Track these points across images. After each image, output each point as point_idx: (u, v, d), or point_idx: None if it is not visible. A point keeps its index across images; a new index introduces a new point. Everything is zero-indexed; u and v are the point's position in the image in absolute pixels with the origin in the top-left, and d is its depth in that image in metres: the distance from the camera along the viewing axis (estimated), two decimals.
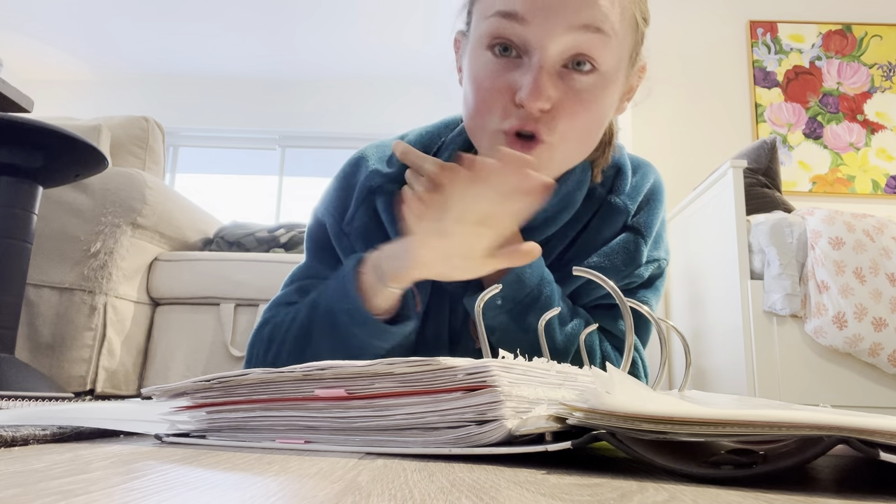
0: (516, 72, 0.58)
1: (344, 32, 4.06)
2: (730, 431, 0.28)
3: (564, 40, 0.57)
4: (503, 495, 0.23)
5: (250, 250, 2.19)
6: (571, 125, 0.60)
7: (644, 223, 0.72)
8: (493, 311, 0.66)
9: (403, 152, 0.65)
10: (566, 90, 0.58)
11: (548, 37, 0.57)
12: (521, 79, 0.58)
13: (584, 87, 0.59)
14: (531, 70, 0.57)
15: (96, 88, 4.57)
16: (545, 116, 0.59)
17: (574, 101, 0.59)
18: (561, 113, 0.59)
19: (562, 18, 0.56)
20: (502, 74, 0.59)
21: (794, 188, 2.80)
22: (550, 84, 0.57)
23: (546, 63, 0.57)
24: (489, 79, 0.59)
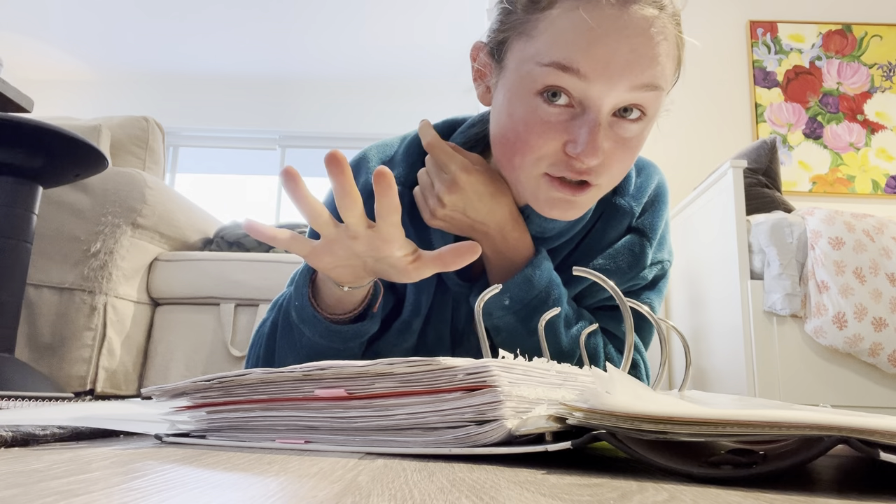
0: (569, 122, 0.57)
1: (344, 33, 4.06)
2: (730, 431, 0.27)
3: (624, 98, 0.56)
4: (503, 495, 0.23)
5: (250, 250, 2.19)
6: (618, 169, 0.60)
7: (649, 225, 0.73)
8: (501, 312, 0.66)
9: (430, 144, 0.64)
10: (615, 139, 0.58)
11: (608, 97, 0.56)
12: (575, 131, 0.57)
13: (633, 134, 0.59)
14: (587, 125, 0.56)
15: (96, 88, 4.57)
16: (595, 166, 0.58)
17: (623, 148, 0.59)
18: (610, 161, 0.59)
19: (626, 80, 0.55)
20: (553, 122, 0.57)
21: (794, 188, 2.80)
22: (604, 137, 0.57)
23: (602, 119, 0.57)
24: (539, 125, 0.58)
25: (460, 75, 3.58)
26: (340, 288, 0.60)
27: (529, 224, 0.68)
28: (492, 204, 0.65)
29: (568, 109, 0.57)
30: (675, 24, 0.58)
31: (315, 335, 0.63)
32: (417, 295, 0.70)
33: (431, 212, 0.65)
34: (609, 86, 0.55)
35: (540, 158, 0.59)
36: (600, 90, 0.55)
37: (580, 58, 0.55)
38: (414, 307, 0.70)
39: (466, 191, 0.63)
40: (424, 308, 0.71)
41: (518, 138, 0.59)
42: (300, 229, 2.29)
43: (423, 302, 0.70)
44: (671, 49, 0.58)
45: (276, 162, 4.61)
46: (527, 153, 0.59)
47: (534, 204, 0.63)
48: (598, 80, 0.55)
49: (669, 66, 0.58)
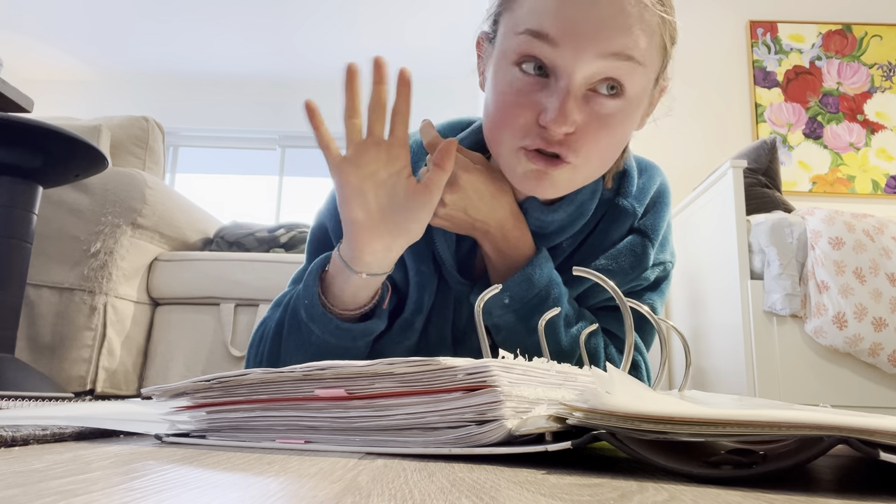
0: (542, 92, 0.58)
1: (344, 33, 4.06)
2: (730, 431, 0.27)
3: (594, 66, 0.56)
4: (503, 495, 0.23)
5: (250, 250, 2.19)
6: (594, 148, 0.59)
7: (651, 226, 0.73)
8: (501, 310, 0.67)
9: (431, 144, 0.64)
10: (591, 113, 0.58)
11: (578, 62, 0.56)
12: (546, 100, 0.57)
13: (609, 111, 0.58)
14: (557, 93, 0.56)
15: (96, 88, 4.57)
16: (569, 139, 0.58)
17: (598, 124, 0.58)
18: (584, 136, 0.58)
19: (593, 45, 0.55)
20: (527, 93, 0.58)
21: (794, 188, 2.80)
22: (576, 108, 0.57)
23: (573, 87, 0.57)
24: (514, 95, 0.59)
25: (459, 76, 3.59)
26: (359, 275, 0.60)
27: (528, 218, 0.68)
28: (492, 203, 0.65)
29: (541, 80, 0.58)
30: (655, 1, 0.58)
31: (325, 333, 0.63)
32: (420, 293, 0.70)
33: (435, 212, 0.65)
34: (577, 52, 0.56)
35: (516, 131, 0.59)
36: (569, 56, 0.56)
37: (549, 23, 0.56)
38: (416, 305, 0.70)
39: (467, 190, 0.64)
40: (426, 306, 0.71)
41: (497, 111, 0.61)
42: (300, 229, 2.29)
43: (425, 300, 0.70)
44: (649, 26, 0.58)
45: (276, 162, 4.61)
46: (505, 126, 0.60)
47: (513, 180, 0.63)
48: (566, 45, 0.55)
49: (645, 41, 0.57)
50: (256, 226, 2.28)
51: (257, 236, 2.22)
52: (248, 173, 4.72)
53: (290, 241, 2.25)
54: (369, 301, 0.64)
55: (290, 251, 2.22)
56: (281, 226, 2.31)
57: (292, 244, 2.25)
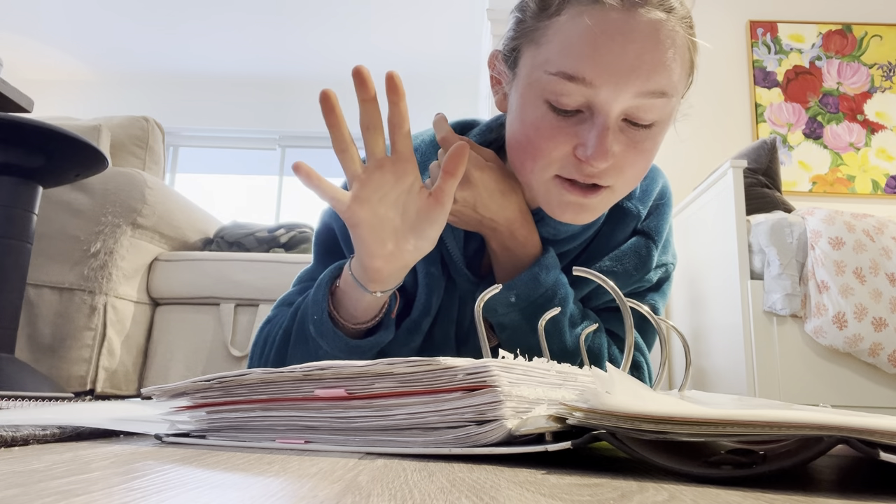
0: (578, 126, 0.57)
1: (344, 33, 4.06)
2: (730, 431, 0.27)
3: (632, 103, 0.56)
4: (503, 495, 0.23)
5: (250, 250, 2.19)
6: (630, 173, 0.60)
7: (654, 228, 0.73)
8: (506, 309, 0.67)
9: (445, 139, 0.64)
10: (626, 143, 0.58)
11: (615, 102, 0.56)
12: (584, 135, 0.57)
13: (644, 139, 0.59)
14: (596, 129, 0.56)
15: (96, 88, 4.56)
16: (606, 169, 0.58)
17: (634, 153, 0.59)
18: (622, 164, 0.59)
19: (632, 86, 0.55)
20: (562, 127, 0.58)
21: (794, 188, 2.80)
22: (614, 141, 0.57)
23: (611, 123, 0.57)
24: (548, 130, 0.58)
25: (461, 76, 3.59)
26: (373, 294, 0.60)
27: (543, 226, 0.68)
28: (502, 201, 0.65)
29: (577, 114, 0.58)
30: (685, 27, 0.58)
31: (334, 349, 0.63)
32: (428, 295, 0.70)
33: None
34: (615, 92, 0.55)
35: (551, 162, 0.59)
36: (607, 96, 0.55)
37: (585, 66, 0.55)
38: (424, 307, 0.70)
39: (478, 187, 0.64)
40: (434, 308, 0.71)
41: (530, 143, 0.60)
42: (300, 229, 2.29)
43: (433, 302, 0.70)
44: (680, 53, 0.57)
45: (276, 162, 4.61)
46: (538, 158, 0.59)
47: (546, 208, 0.63)
48: (604, 86, 0.55)
49: (678, 71, 0.57)
50: (256, 226, 2.28)
51: (257, 236, 2.22)
52: (248, 173, 4.71)
53: (290, 241, 2.25)
54: (379, 312, 0.64)
55: (290, 251, 2.22)
56: (281, 226, 2.31)
57: (292, 244, 2.25)
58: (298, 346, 0.66)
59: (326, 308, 0.63)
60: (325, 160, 4.57)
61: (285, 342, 0.68)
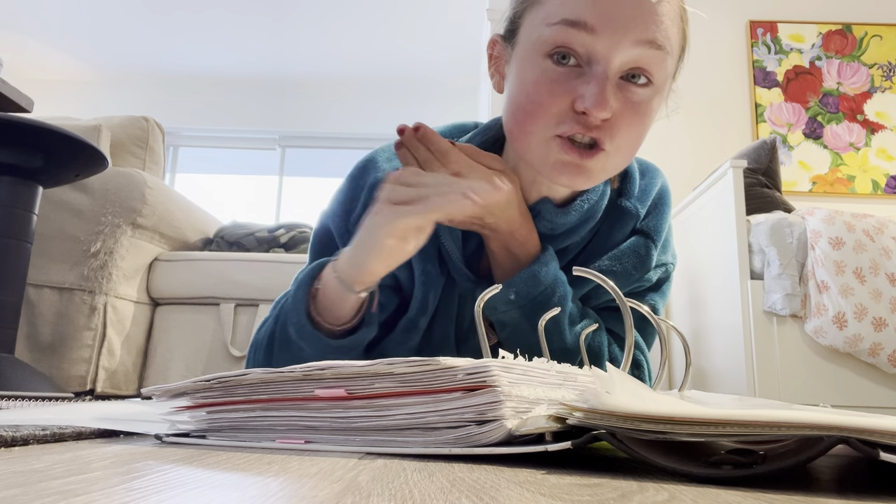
0: (577, 80, 0.59)
1: (344, 33, 4.06)
2: (730, 431, 0.27)
3: (630, 53, 0.58)
4: (503, 495, 0.23)
5: (250, 250, 2.19)
6: (628, 135, 0.61)
7: (653, 227, 0.73)
8: (506, 307, 0.67)
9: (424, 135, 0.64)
10: (624, 101, 0.59)
11: (615, 49, 0.57)
12: (583, 87, 0.58)
13: (641, 100, 0.60)
14: (595, 79, 0.58)
15: (96, 88, 4.56)
16: (604, 125, 0.59)
17: (632, 112, 0.60)
18: (620, 123, 0.59)
19: (630, 33, 0.57)
20: (562, 81, 0.59)
21: (794, 188, 2.80)
22: (612, 94, 0.58)
23: (609, 73, 0.58)
24: (548, 84, 0.59)
25: (461, 76, 3.58)
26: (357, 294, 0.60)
27: (540, 221, 0.68)
28: (504, 206, 0.65)
29: (576, 69, 0.59)
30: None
31: (316, 351, 0.63)
32: (425, 293, 0.70)
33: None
34: (615, 39, 0.57)
35: (549, 119, 0.60)
36: (607, 43, 0.57)
37: (587, 11, 0.57)
38: (421, 305, 0.70)
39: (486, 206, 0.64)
40: (431, 306, 0.71)
41: (529, 100, 0.61)
42: (300, 229, 2.29)
43: (430, 300, 0.70)
44: (674, 15, 0.60)
45: (276, 162, 4.61)
46: (538, 114, 0.60)
47: (543, 170, 0.63)
48: (604, 32, 0.57)
49: (673, 30, 0.60)
50: (256, 226, 2.28)
51: (257, 236, 2.22)
52: (248, 173, 4.71)
53: (290, 241, 2.25)
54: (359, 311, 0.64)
55: (290, 251, 2.22)
56: (281, 226, 2.31)
57: (292, 244, 2.25)
58: (282, 350, 0.66)
59: (305, 310, 0.63)
60: (324, 160, 4.57)
61: (270, 346, 0.68)
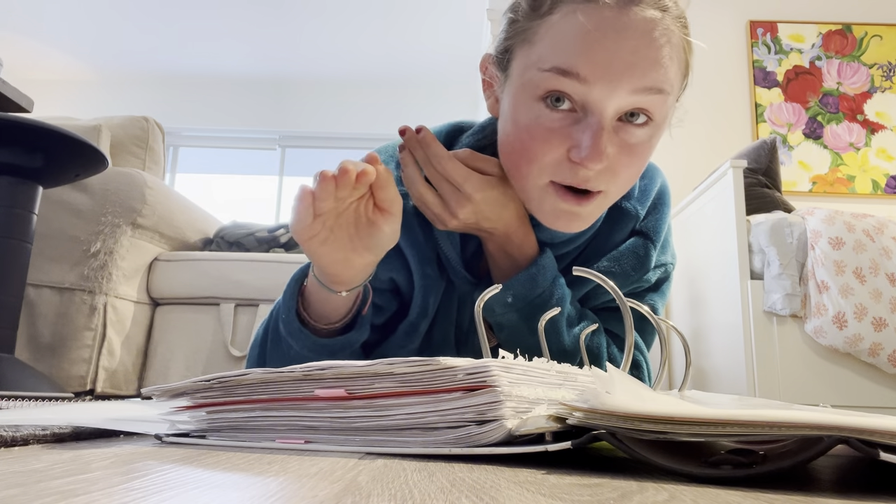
0: (572, 127, 0.57)
1: (344, 33, 4.06)
2: (730, 431, 0.27)
3: (627, 101, 0.56)
4: (503, 495, 0.23)
5: (250, 250, 2.19)
6: (624, 176, 0.59)
7: (653, 228, 0.73)
8: (503, 309, 0.67)
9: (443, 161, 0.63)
10: (621, 144, 0.57)
11: (610, 99, 0.55)
12: (578, 136, 0.56)
13: (639, 140, 0.58)
14: (590, 130, 0.55)
15: (96, 88, 4.56)
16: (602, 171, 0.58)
17: (628, 153, 0.58)
18: (616, 167, 0.58)
19: (626, 82, 0.54)
20: (556, 129, 0.57)
21: (794, 188, 2.80)
22: (609, 142, 0.56)
23: (605, 123, 0.56)
24: (542, 131, 0.57)
25: (461, 76, 3.58)
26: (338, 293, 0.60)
27: (540, 231, 0.68)
28: (501, 210, 0.65)
29: (571, 114, 0.57)
30: (680, 26, 0.57)
31: (303, 349, 0.63)
32: (425, 297, 0.70)
33: (444, 223, 0.65)
34: (610, 88, 0.54)
35: (545, 166, 0.58)
36: (601, 93, 0.55)
37: (580, 62, 0.54)
38: (421, 309, 0.70)
39: (479, 205, 0.63)
40: (432, 310, 0.71)
41: (523, 146, 0.59)
42: None
43: (430, 303, 0.70)
44: (676, 52, 0.57)
45: (276, 162, 4.61)
46: (532, 161, 0.59)
47: (539, 215, 0.62)
48: (598, 83, 0.54)
49: (674, 69, 0.57)
50: (256, 226, 2.28)
51: (257, 236, 2.22)
52: (248, 173, 4.71)
53: (290, 241, 2.25)
54: (350, 310, 0.64)
55: (290, 251, 2.22)
56: (281, 226, 2.31)
57: (292, 244, 2.25)
58: (274, 348, 0.66)
59: (295, 307, 0.63)
60: (324, 160, 4.57)
61: (264, 342, 0.68)
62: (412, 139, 0.63)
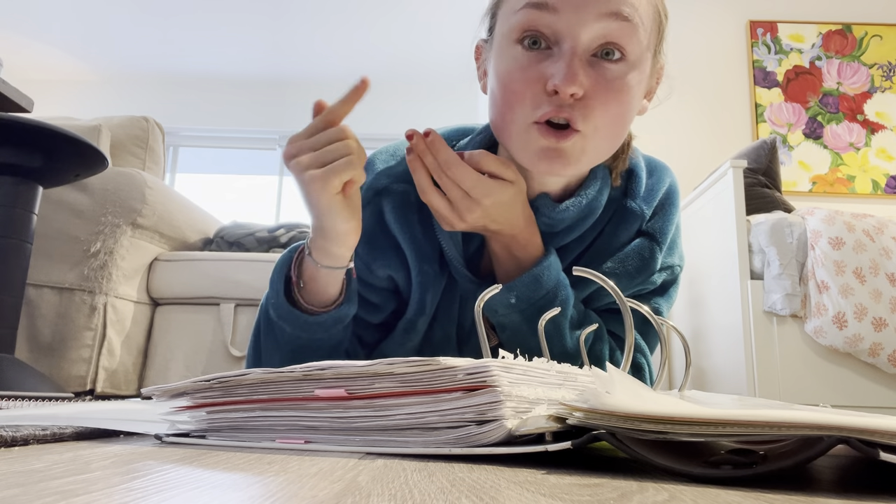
0: (547, 62, 0.59)
1: (344, 32, 4.06)
2: (730, 431, 0.27)
3: (595, 28, 0.58)
4: (503, 495, 0.23)
5: (250, 250, 2.19)
6: (604, 114, 0.60)
7: (659, 229, 0.72)
8: (506, 309, 0.66)
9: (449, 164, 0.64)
10: (597, 78, 0.59)
11: (579, 25, 0.58)
12: (552, 67, 0.59)
13: (614, 76, 0.59)
14: (563, 57, 0.58)
15: (96, 88, 4.56)
16: (578, 104, 0.59)
17: (605, 88, 0.59)
18: (593, 101, 0.59)
19: (592, 7, 0.57)
20: (533, 65, 0.60)
21: (794, 188, 2.80)
22: (582, 71, 0.58)
23: (577, 50, 0.58)
24: (520, 70, 0.60)
25: (462, 76, 3.57)
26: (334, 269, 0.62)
27: (538, 217, 0.67)
28: (509, 213, 0.65)
29: (546, 51, 0.60)
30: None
31: (295, 329, 0.64)
32: (422, 294, 0.70)
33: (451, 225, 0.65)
34: (577, 14, 0.58)
35: (526, 105, 0.60)
36: (570, 20, 0.58)
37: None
38: (419, 306, 0.70)
39: (488, 209, 0.63)
40: (430, 307, 0.70)
41: (504, 90, 0.61)
42: (300, 229, 2.29)
43: (427, 301, 0.70)
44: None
45: (276, 162, 4.61)
46: (514, 103, 0.61)
47: (525, 161, 0.63)
48: (566, 9, 0.58)
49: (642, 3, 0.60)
50: (256, 226, 2.28)
51: (257, 236, 2.22)
52: (248, 173, 4.71)
53: (290, 241, 2.25)
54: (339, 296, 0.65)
55: None
56: (281, 226, 2.31)
57: (292, 244, 2.25)
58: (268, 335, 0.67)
59: (282, 289, 0.64)
60: None
61: (257, 335, 0.69)
62: (420, 143, 0.63)
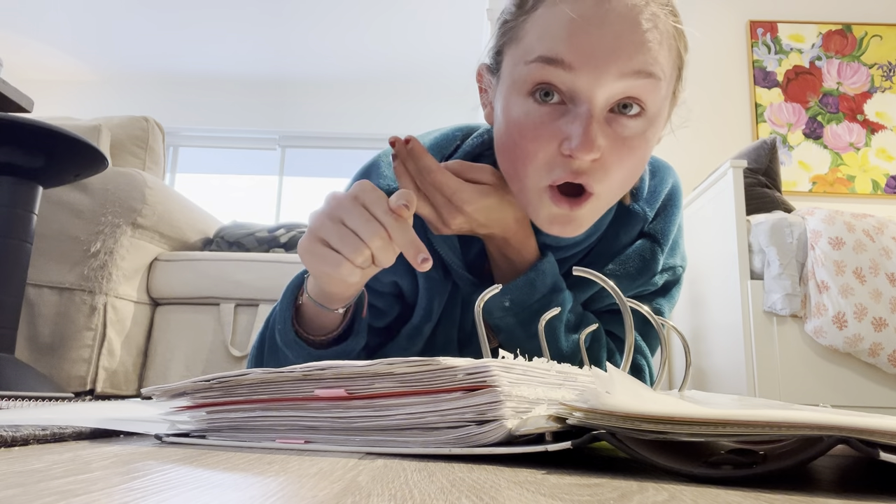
0: (561, 119, 0.55)
1: (344, 33, 4.06)
2: (730, 431, 0.27)
3: (615, 87, 0.54)
4: (503, 495, 0.23)
5: (250, 250, 2.19)
6: (619, 171, 0.57)
7: (661, 230, 0.71)
8: (501, 313, 0.66)
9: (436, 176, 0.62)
10: (614, 137, 0.56)
11: (597, 85, 0.54)
12: (568, 128, 0.55)
13: (633, 133, 0.56)
14: (580, 119, 0.54)
15: (96, 88, 4.56)
16: (594, 165, 0.56)
17: (622, 147, 0.56)
18: (610, 161, 0.56)
19: (612, 66, 0.53)
20: (546, 123, 0.56)
21: (794, 188, 2.80)
22: (600, 133, 0.54)
23: (595, 111, 0.54)
24: (532, 128, 0.56)
25: (461, 76, 3.58)
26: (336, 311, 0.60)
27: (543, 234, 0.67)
28: (496, 216, 0.64)
29: (560, 107, 0.56)
30: (667, 13, 0.56)
31: (298, 359, 0.63)
32: (430, 300, 0.69)
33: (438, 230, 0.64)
34: (596, 74, 0.53)
35: (539, 166, 0.57)
36: (588, 80, 0.54)
37: (563, 48, 0.54)
38: (426, 312, 0.69)
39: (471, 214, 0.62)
40: (436, 313, 0.70)
41: (515, 145, 0.58)
42: (300, 229, 2.29)
43: (434, 307, 0.69)
44: (665, 38, 0.56)
45: (276, 162, 4.61)
46: (527, 162, 0.58)
47: (535, 220, 0.61)
48: (583, 68, 0.53)
49: (664, 54, 0.56)
50: (256, 226, 2.28)
51: (257, 236, 2.22)
52: (248, 173, 4.71)
53: (290, 241, 2.25)
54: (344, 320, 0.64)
55: (290, 251, 2.22)
56: (281, 226, 2.31)
57: (292, 244, 2.25)
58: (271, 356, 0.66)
59: (290, 318, 0.63)
60: (324, 160, 4.57)
61: (261, 349, 0.68)
62: (402, 150, 0.62)
